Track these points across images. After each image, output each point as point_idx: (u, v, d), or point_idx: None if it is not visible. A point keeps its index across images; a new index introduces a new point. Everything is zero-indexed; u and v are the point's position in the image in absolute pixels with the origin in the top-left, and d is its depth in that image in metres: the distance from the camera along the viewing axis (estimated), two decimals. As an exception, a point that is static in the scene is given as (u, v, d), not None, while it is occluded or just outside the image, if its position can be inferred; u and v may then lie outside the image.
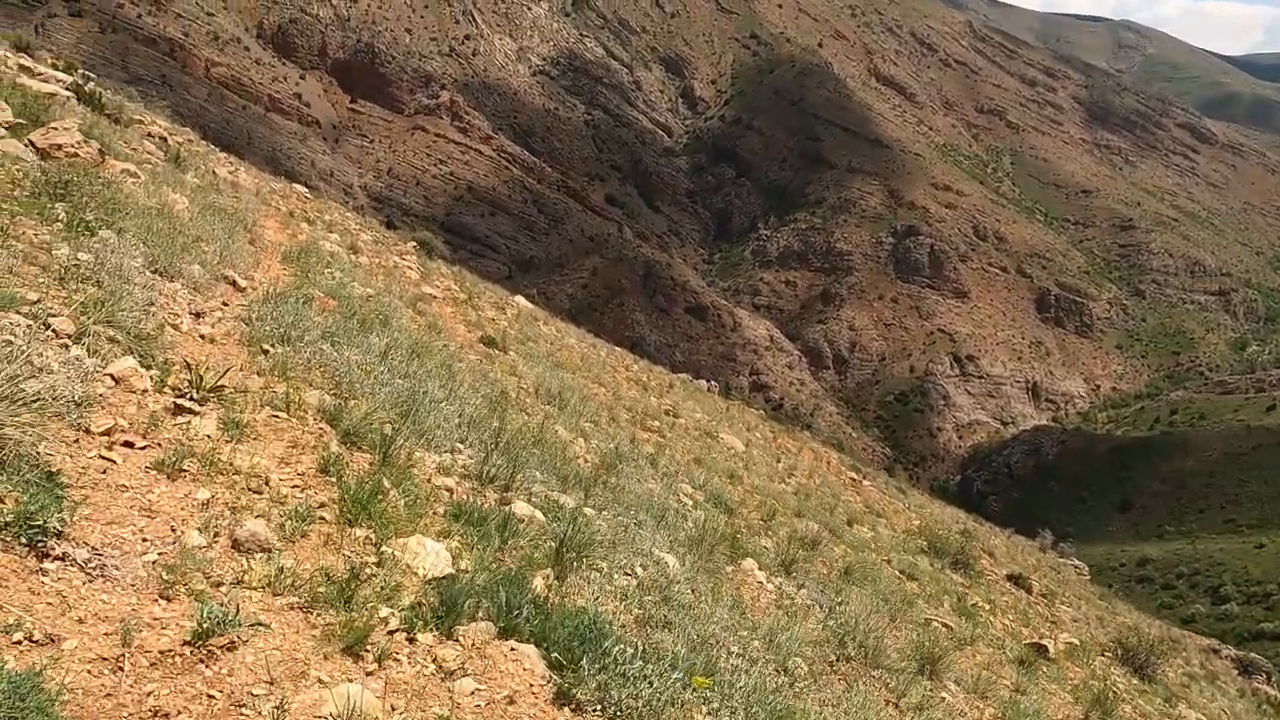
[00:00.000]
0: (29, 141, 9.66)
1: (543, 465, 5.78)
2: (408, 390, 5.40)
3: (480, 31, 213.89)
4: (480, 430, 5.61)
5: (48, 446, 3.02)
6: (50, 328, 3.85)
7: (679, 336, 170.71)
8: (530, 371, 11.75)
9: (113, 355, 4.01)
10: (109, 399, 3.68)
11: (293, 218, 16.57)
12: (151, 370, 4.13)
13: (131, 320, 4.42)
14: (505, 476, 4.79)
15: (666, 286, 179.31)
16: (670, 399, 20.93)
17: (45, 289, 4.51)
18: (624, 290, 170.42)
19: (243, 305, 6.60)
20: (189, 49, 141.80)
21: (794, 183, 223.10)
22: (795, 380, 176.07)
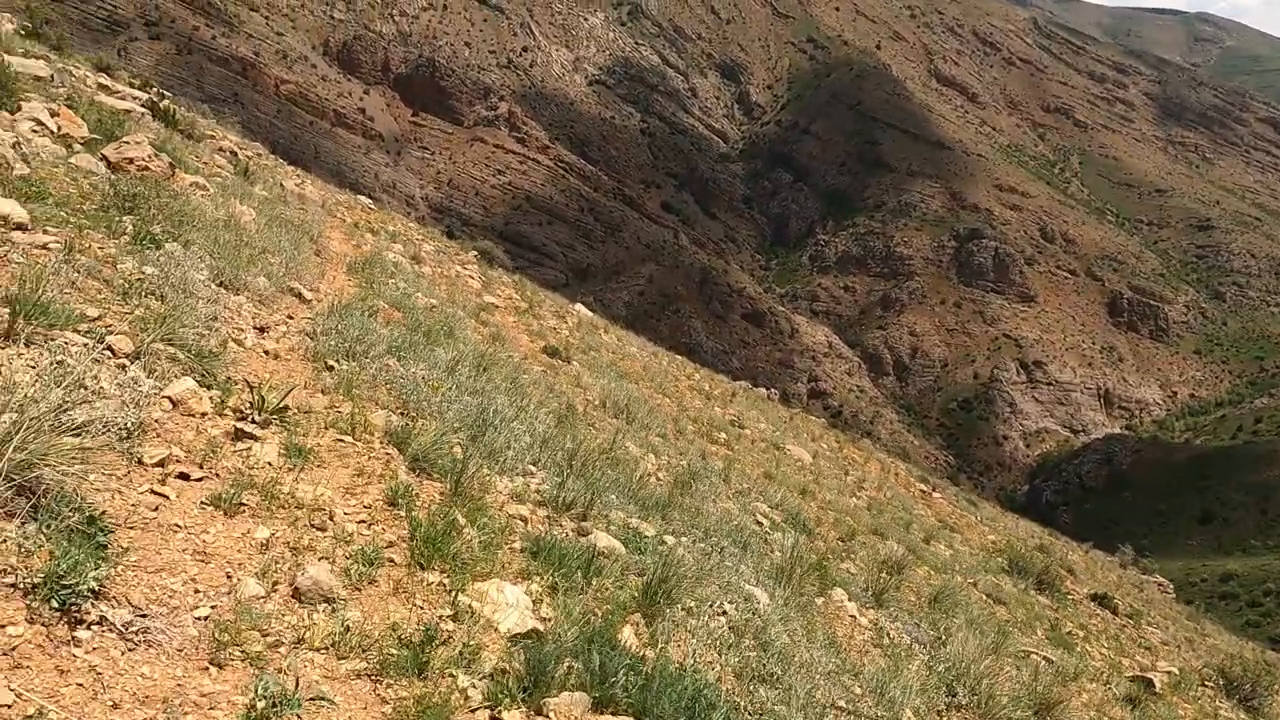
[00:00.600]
0: (102, 156, 9.74)
1: (617, 487, 5.43)
2: (477, 407, 5.11)
3: (537, 43, 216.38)
4: (552, 450, 5.29)
5: (95, 483, 2.76)
6: (108, 346, 3.65)
7: (735, 343, 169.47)
8: (595, 383, 11.45)
9: (172, 375, 3.80)
10: (165, 425, 3.44)
11: (357, 229, 16.63)
12: (212, 391, 3.90)
13: (193, 337, 4.22)
14: (582, 503, 4.45)
15: (723, 293, 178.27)
16: (734, 409, 20.43)
17: (107, 304, 4.34)
18: (680, 297, 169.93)
19: (307, 318, 6.43)
20: (259, 67, 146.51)
21: (852, 187, 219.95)
22: (854, 387, 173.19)
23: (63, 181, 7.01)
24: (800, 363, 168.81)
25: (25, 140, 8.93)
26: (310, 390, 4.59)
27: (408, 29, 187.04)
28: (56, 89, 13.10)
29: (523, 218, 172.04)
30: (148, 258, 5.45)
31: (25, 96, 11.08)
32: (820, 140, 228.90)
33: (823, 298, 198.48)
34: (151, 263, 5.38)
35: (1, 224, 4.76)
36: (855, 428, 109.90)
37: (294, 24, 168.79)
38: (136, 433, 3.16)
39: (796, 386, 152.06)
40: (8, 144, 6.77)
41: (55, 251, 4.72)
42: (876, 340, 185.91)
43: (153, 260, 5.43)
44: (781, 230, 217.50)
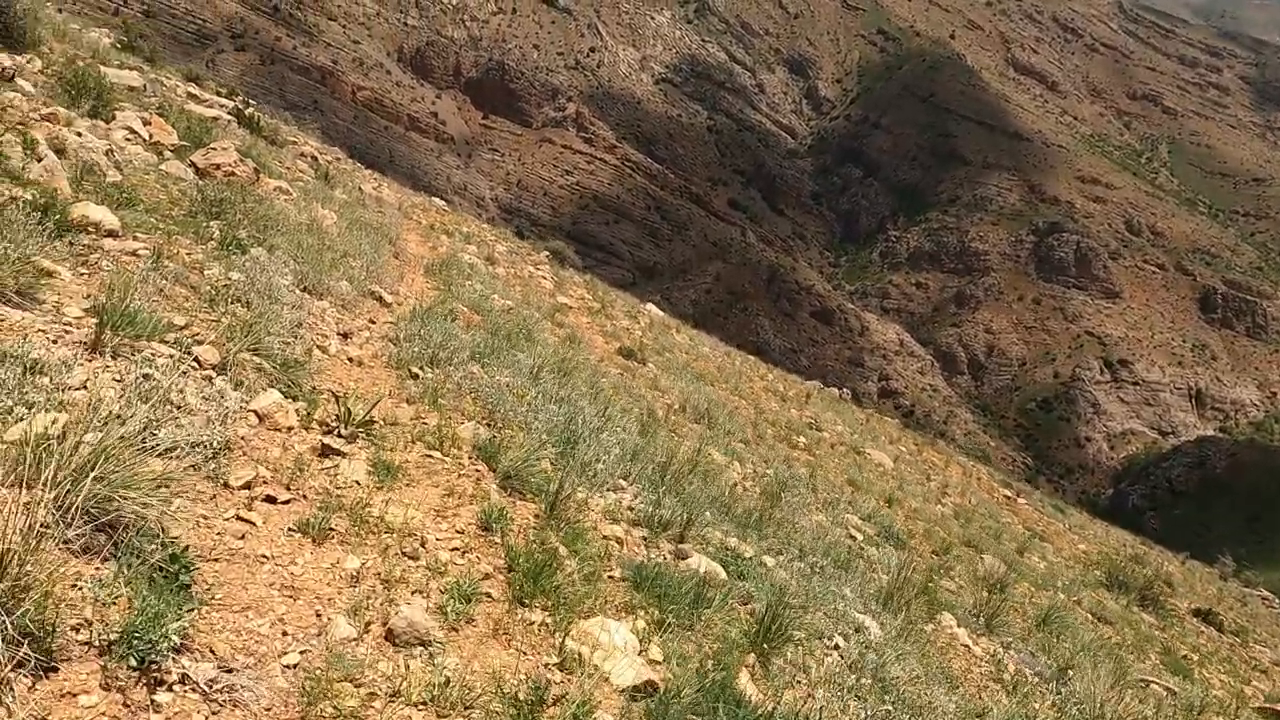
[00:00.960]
0: (190, 162, 9.90)
1: (710, 502, 5.14)
2: (564, 417, 4.89)
3: (604, 43, 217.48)
4: (642, 463, 5.03)
5: (179, 511, 2.60)
6: (194, 357, 3.54)
7: (804, 341, 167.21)
8: (673, 386, 11.18)
9: (258, 387, 3.67)
10: (251, 442, 3.30)
11: (433, 231, 16.73)
12: (298, 403, 3.76)
13: (279, 346, 4.10)
14: (679, 522, 4.18)
15: (791, 290, 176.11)
16: (810, 411, 19.91)
17: (193, 312, 4.25)
18: (748, 295, 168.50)
19: (389, 323, 6.34)
20: (337, 75, 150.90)
21: (925, 181, 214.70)
22: (927, 386, 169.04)
23: (153, 188, 7.08)
24: (871, 361, 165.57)
25: (118, 148, 9.11)
26: (395, 400, 4.43)
27: (478, 33, 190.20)
28: (149, 99, 13.46)
29: (590, 217, 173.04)
30: (234, 263, 5.40)
31: (119, 106, 11.37)
32: (891, 134, 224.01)
33: (894, 295, 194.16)
34: (237, 268, 5.32)
35: (93, 231, 4.75)
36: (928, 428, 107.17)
37: (370, 32, 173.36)
38: (222, 452, 3.02)
39: (867, 385, 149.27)
40: (100, 151, 6.87)
41: (144, 258, 4.68)
42: (950, 338, 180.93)
43: (238, 266, 5.38)
44: (851, 226, 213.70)
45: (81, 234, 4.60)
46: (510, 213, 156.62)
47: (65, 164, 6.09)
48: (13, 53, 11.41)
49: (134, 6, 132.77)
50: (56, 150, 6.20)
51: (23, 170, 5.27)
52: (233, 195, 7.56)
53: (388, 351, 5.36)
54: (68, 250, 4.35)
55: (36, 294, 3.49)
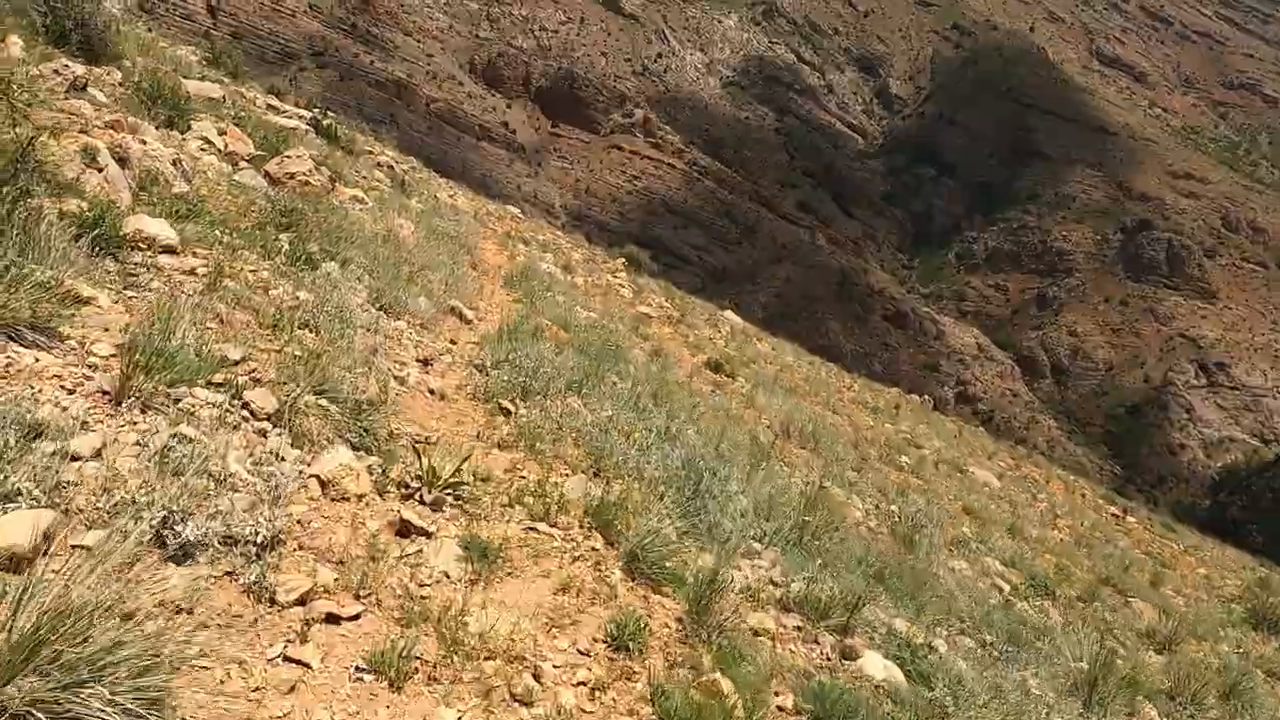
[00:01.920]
0: (265, 171, 9.51)
1: (854, 564, 4.30)
2: (679, 460, 4.11)
3: (672, 49, 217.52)
4: (772, 514, 4.22)
5: (202, 653, 1.89)
6: (246, 404, 2.89)
7: (876, 345, 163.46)
8: (770, 403, 10.34)
9: (323, 439, 3.00)
10: (311, 524, 2.61)
11: (509, 239, 16.25)
12: (371, 458, 3.08)
13: (349, 382, 3.45)
14: (838, 603, 3.35)
15: (863, 293, 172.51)
16: (904, 424, 18.76)
17: (253, 343, 3.63)
18: (817, 298, 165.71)
19: (472, 343, 5.71)
20: (412, 88, 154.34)
21: (1003, 179, 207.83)
22: (1007, 391, 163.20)
23: (222, 198, 6.62)
24: (947, 366, 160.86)
25: (191, 157, 8.73)
26: (485, 444, 3.73)
27: (547, 43, 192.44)
28: (227, 110, 13.27)
29: (658, 222, 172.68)
30: (303, 280, 4.82)
31: (196, 116, 11.09)
32: (967, 131, 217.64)
33: (971, 297, 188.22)
34: (306, 286, 4.74)
35: (148, 247, 4.20)
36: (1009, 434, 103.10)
37: (443, 45, 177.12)
38: (272, 546, 2.31)
39: (943, 391, 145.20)
40: (167, 160, 6.42)
41: (202, 277, 4.10)
42: (1031, 341, 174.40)
43: (308, 284, 4.80)
44: (924, 227, 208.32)
45: (134, 250, 4.05)
46: (579, 219, 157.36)
47: (128, 174, 5.66)
48: (93, 64, 11.24)
49: (223, 28, 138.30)
50: (119, 159, 5.76)
51: (77, 181, 4.79)
52: (305, 206, 7.06)
53: (473, 381, 4.70)
54: (115, 270, 3.78)
55: (61, 327, 2.89)
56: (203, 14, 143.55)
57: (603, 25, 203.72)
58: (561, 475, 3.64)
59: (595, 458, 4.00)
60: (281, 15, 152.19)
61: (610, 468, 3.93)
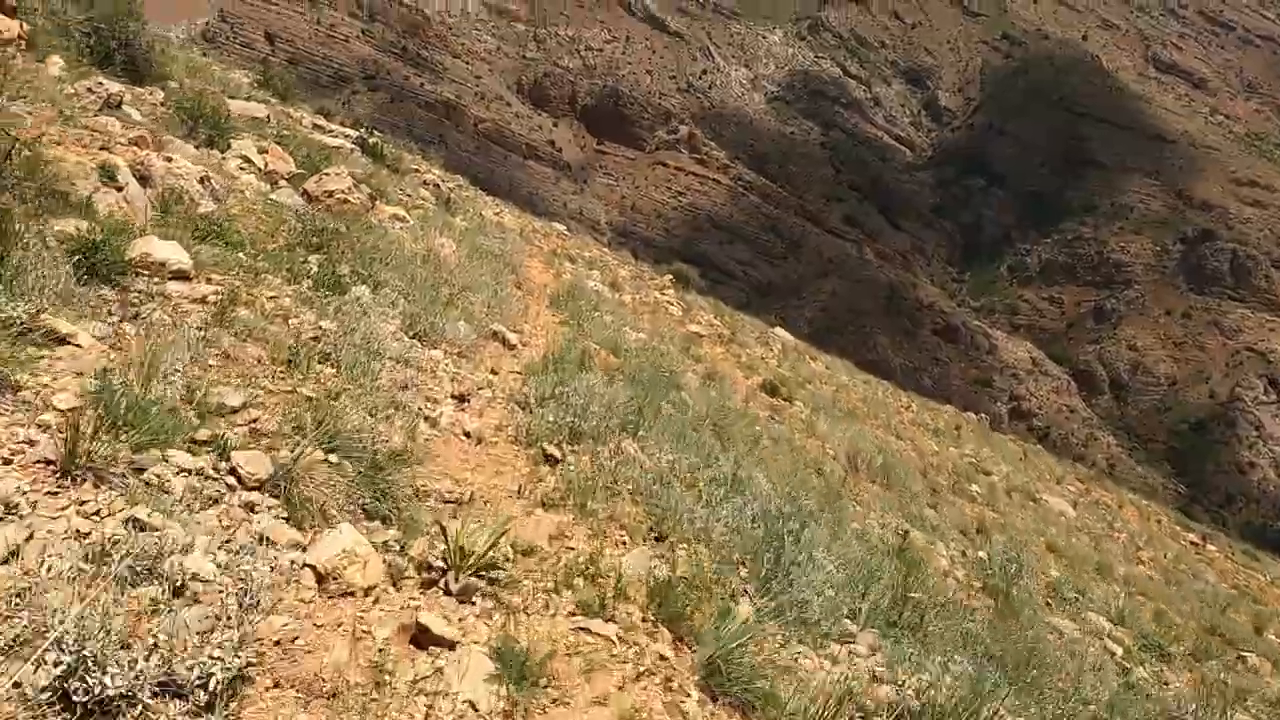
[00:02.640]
0: (303, 190, 9.19)
1: (963, 641, 3.64)
2: (751, 515, 3.51)
3: (716, 65, 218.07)
4: (862, 578, 3.59)
5: None
6: (233, 468, 2.37)
7: (926, 360, 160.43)
8: (832, 431, 9.66)
9: (329, 511, 2.47)
10: (297, 640, 2.04)
11: (555, 256, 15.84)
12: (388, 532, 2.53)
13: (368, 430, 2.92)
14: (959, 715, 2.71)
15: (911, 307, 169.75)
16: (967, 447, 17.81)
17: (260, 383, 3.14)
18: (865, 312, 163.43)
19: (515, 373, 5.21)
20: (460, 109, 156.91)
21: (1056, 189, 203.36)
22: (1063, 407, 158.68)
23: (253, 219, 6.24)
24: (1000, 381, 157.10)
25: (229, 176, 8.42)
26: (528, 501, 3.18)
27: (593, 62, 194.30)
28: (270, 129, 13.08)
29: (703, 238, 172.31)
30: (328, 307, 4.36)
31: (238, 136, 10.87)
32: (1018, 141, 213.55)
33: (1024, 311, 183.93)
34: (332, 314, 4.27)
35: (155, 273, 3.76)
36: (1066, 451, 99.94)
37: (491, 67, 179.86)
38: (232, 691, 1.73)
39: (996, 407, 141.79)
40: (194, 178, 6.07)
41: (214, 305, 3.63)
42: (1089, 356, 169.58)
43: (334, 311, 4.33)
44: (975, 240, 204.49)
45: (140, 276, 3.60)
46: (624, 236, 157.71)
47: (150, 193, 5.28)
48: (136, 84, 11.08)
49: (280, 55, 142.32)
50: (140, 178, 5.39)
51: (89, 201, 4.41)
52: (341, 225, 6.65)
53: (515, 420, 4.17)
54: (115, 300, 3.33)
55: (18, 374, 2.41)
56: (261, 41, 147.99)
57: (648, 43, 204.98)
58: (617, 544, 3.06)
59: (656, 518, 3.41)
60: (335, 40, 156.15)
61: (674, 530, 3.34)
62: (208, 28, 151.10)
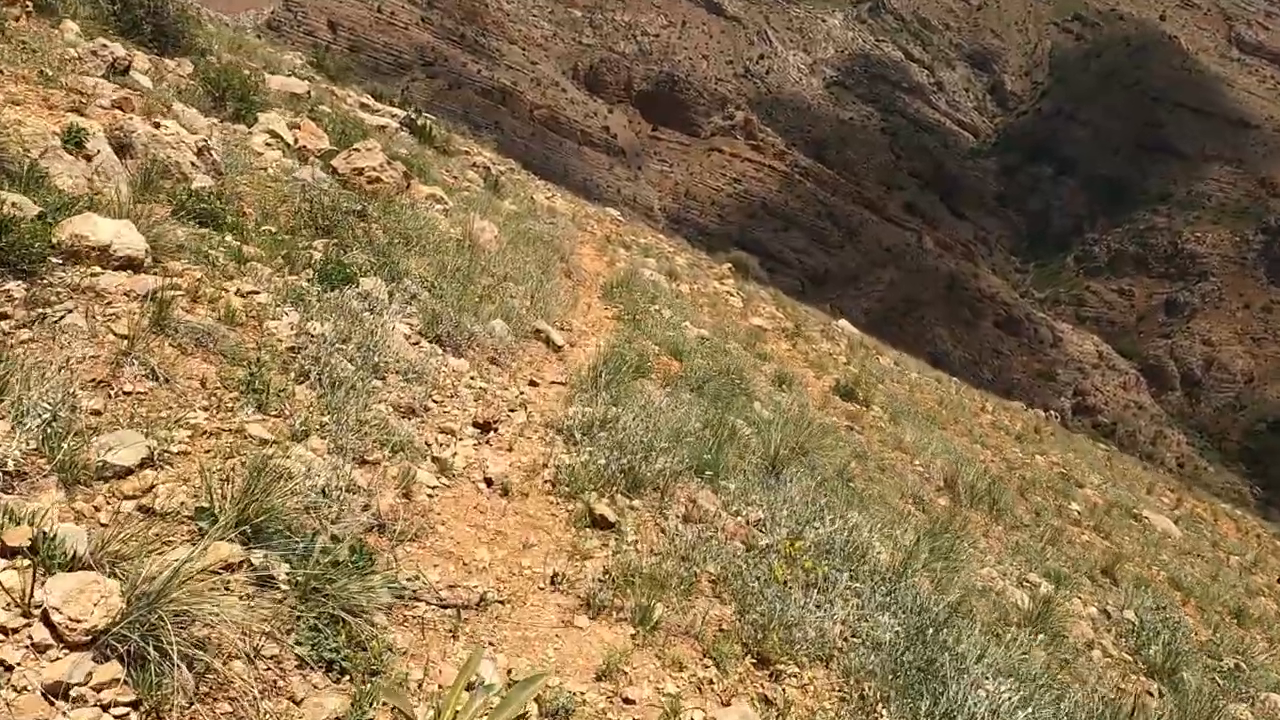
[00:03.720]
0: (330, 167, 8.35)
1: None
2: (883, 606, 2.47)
3: (774, 50, 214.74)
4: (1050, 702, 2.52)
5: None
6: (48, 618, 1.37)
7: (987, 353, 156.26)
8: (919, 442, 8.50)
9: (227, 674, 1.47)
10: None
11: (609, 243, 14.89)
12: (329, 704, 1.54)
13: (332, 501, 1.95)
14: None
15: (972, 298, 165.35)
16: (1051, 453, 16.40)
17: (190, 421, 2.20)
18: (923, 303, 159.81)
19: (559, 384, 4.25)
20: (516, 95, 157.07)
21: (1129, 177, 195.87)
22: (1130, 403, 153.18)
23: (259, 196, 5.40)
24: (1065, 375, 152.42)
25: (249, 150, 7.60)
26: (567, 597, 2.18)
27: (648, 47, 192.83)
28: (307, 105, 12.35)
29: (758, 225, 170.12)
30: (324, 306, 3.42)
31: (269, 109, 10.09)
32: (1088, 127, 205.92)
33: (1091, 303, 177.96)
34: (327, 313, 3.33)
35: (93, 260, 2.86)
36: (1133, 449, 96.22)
37: (547, 53, 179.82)
38: None
39: (1059, 401, 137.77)
40: (189, 149, 5.20)
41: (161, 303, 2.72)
42: (1159, 350, 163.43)
43: (330, 309, 3.40)
44: (1041, 229, 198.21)
45: (73, 264, 2.70)
46: (678, 222, 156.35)
47: (132, 164, 4.46)
48: (163, 55, 10.37)
49: (341, 43, 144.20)
50: (119, 146, 4.56)
51: (31, 170, 3.54)
52: (365, 204, 5.76)
53: (554, 458, 3.19)
54: (19, 295, 2.43)
55: None
56: (324, 30, 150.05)
57: (704, 28, 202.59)
58: (701, 686, 2.06)
59: (753, 627, 2.40)
60: (395, 28, 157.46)
61: (779, 647, 2.32)
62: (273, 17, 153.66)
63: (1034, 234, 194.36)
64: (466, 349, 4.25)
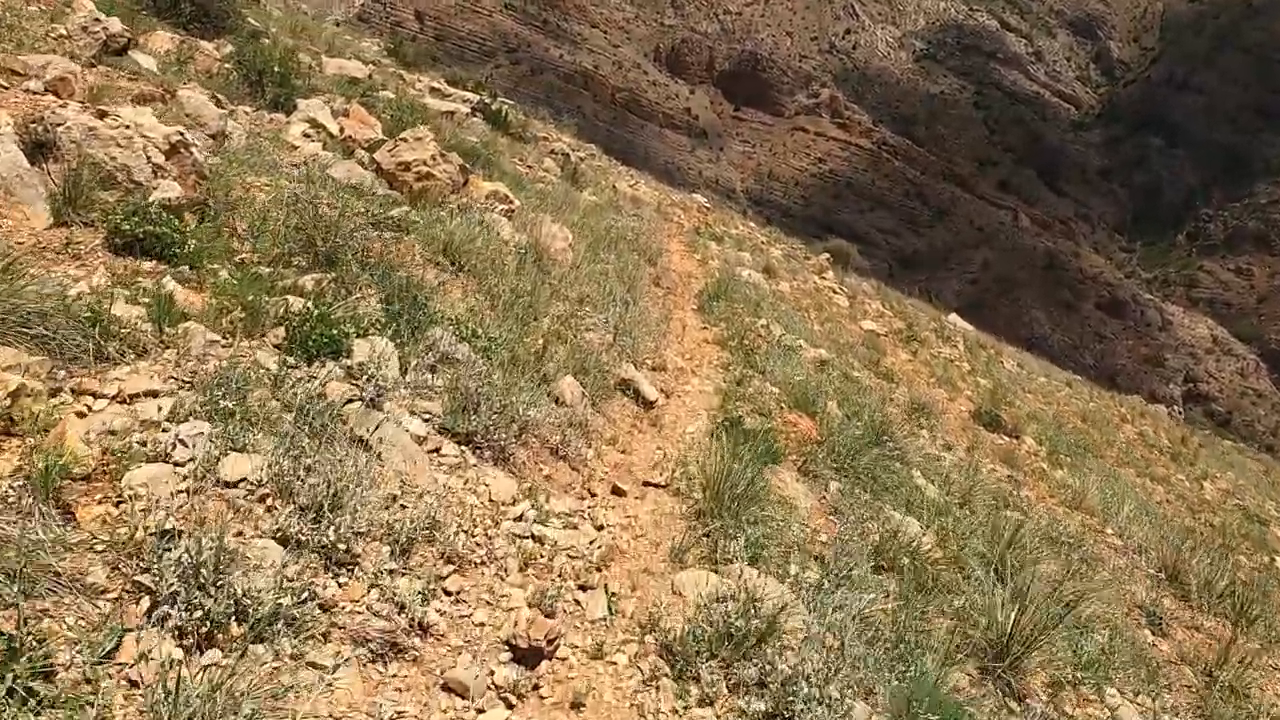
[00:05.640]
0: (372, 160, 7.06)
1: None
2: None
3: (861, 24, 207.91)
4: None
5: None
6: None
7: (1089, 337, 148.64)
8: (1107, 500, 6.66)
9: None
10: None
11: (699, 236, 13.33)
12: None
13: None
14: None
15: (1073, 279, 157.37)
16: (1213, 473, 14.12)
17: None
18: (1019, 284, 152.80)
19: (657, 488, 2.82)
20: (598, 78, 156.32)
21: (1247, 146, 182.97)
22: (1249, 390, 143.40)
23: (268, 207, 4.10)
24: (1174, 360, 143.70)
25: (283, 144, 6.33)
26: None
27: (730, 26, 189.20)
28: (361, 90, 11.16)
29: (843, 206, 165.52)
30: (270, 411, 2.00)
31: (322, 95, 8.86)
32: (1203, 95, 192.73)
33: (1205, 283, 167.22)
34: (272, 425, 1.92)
35: None
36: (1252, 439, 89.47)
37: (628, 35, 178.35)
38: None
39: (1168, 389, 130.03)
40: (151, 146, 3.86)
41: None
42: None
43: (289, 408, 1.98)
44: (1149, 205, 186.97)
45: None
46: (759, 204, 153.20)
47: (55, 167, 3.21)
48: (203, 37, 9.23)
49: (428, 32, 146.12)
50: (37, 144, 3.31)
51: None
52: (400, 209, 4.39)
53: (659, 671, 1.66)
54: None
55: None
56: (411, 20, 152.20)
57: (788, 4, 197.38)
58: None
59: None
60: (479, 15, 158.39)
61: None
62: (362, 9, 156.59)
63: (1141, 210, 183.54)
64: (516, 447, 2.79)
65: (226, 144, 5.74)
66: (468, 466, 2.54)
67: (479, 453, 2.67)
